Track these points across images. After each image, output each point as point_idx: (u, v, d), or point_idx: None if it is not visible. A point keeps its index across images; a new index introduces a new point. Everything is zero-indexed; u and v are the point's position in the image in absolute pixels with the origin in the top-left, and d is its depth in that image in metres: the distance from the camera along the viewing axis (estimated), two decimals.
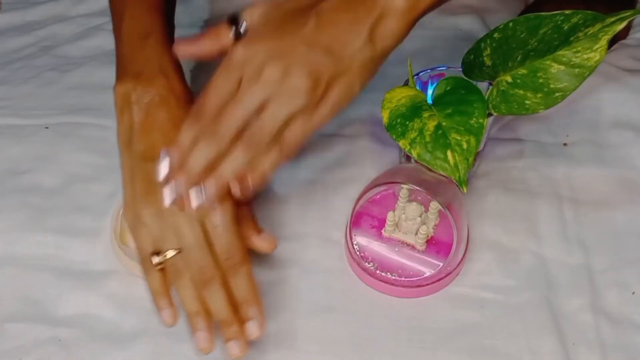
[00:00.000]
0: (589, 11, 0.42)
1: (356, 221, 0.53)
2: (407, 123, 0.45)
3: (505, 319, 0.48)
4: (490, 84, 0.47)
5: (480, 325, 0.48)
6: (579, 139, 0.59)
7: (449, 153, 0.43)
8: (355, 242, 0.52)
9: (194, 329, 0.44)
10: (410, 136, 0.44)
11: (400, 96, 0.47)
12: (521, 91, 0.44)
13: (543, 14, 0.44)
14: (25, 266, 0.53)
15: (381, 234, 0.53)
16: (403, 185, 0.52)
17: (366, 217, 0.54)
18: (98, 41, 0.75)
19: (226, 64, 0.43)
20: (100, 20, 0.78)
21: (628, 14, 0.41)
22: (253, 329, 0.43)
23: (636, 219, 0.53)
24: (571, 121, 0.61)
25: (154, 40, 0.51)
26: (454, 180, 0.43)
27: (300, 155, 0.60)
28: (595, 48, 0.41)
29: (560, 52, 0.43)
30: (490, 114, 0.46)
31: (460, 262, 0.50)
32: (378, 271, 0.50)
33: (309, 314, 0.49)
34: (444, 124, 0.44)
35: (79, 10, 0.80)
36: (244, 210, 0.48)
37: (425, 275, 0.50)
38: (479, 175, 0.57)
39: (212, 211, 0.44)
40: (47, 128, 0.64)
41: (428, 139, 0.44)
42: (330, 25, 0.42)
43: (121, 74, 0.51)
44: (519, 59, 0.45)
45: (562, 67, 0.43)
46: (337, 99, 0.42)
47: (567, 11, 0.43)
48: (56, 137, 0.63)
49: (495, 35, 0.46)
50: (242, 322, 0.44)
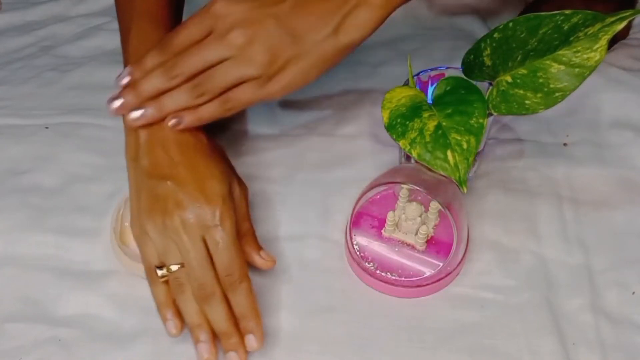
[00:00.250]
0: (589, 11, 0.42)
1: (356, 221, 0.53)
2: (407, 123, 0.45)
3: (505, 319, 0.48)
4: (490, 84, 0.47)
5: (480, 325, 0.48)
6: (579, 139, 0.59)
7: (449, 153, 0.43)
8: (355, 242, 0.52)
9: (197, 341, 0.45)
10: (410, 136, 0.44)
11: (400, 96, 0.47)
12: (521, 91, 0.44)
13: (543, 14, 0.44)
14: (25, 266, 0.53)
15: (381, 234, 0.53)
16: (403, 185, 0.52)
17: (366, 217, 0.54)
18: (98, 41, 0.75)
19: (203, 12, 0.47)
20: (100, 20, 0.78)
21: (628, 13, 0.41)
22: (252, 342, 0.45)
23: (636, 219, 0.53)
24: (571, 121, 0.61)
25: None
26: (454, 180, 0.43)
27: (301, 155, 0.60)
28: (595, 48, 0.41)
29: (560, 52, 0.43)
30: (490, 114, 0.46)
31: (460, 262, 0.50)
32: (378, 271, 0.50)
33: (309, 314, 0.49)
34: (444, 124, 0.44)
35: (79, 10, 0.80)
36: (245, 227, 0.49)
37: (425, 275, 0.50)
38: (479, 175, 0.57)
39: (214, 228, 0.45)
40: (47, 128, 0.64)
41: (428, 139, 0.44)
42: (303, 10, 0.45)
43: None
44: (519, 59, 0.45)
45: (562, 67, 0.43)
46: (290, 79, 0.46)
47: (567, 11, 0.43)
48: (56, 137, 0.63)
49: (495, 35, 0.46)
50: (242, 334, 0.45)
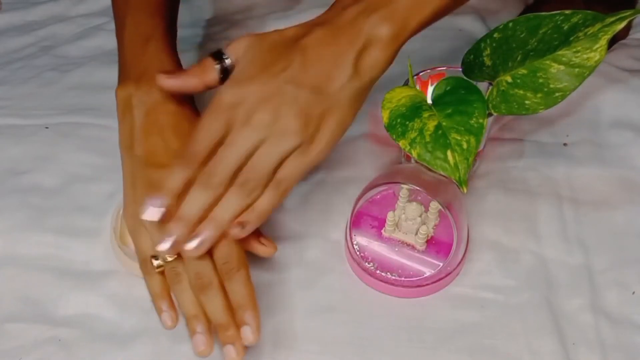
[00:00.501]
0: (589, 11, 0.42)
1: (356, 221, 0.53)
2: (407, 123, 0.45)
3: (505, 319, 0.48)
4: (490, 84, 0.47)
5: (480, 325, 0.48)
6: (579, 139, 0.59)
7: (449, 153, 0.43)
8: (355, 242, 0.52)
9: (192, 332, 0.44)
10: (410, 136, 0.44)
11: (400, 96, 0.47)
12: (521, 91, 0.44)
13: (543, 14, 0.44)
14: (25, 266, 0.53)
15: (381, 234, 0.53)
16: (403, 185, 0.52)
17: (366, 217, 0.54)
18: (98, 41, 0.75)
19: (215, 107, 0.43)
20: (100, 20, 0.78)
21: (628, 13, 0.41)
22: (248, 334, 0.43)
23: (636, 219, 0.54)
24: (571, 121, 0.61)
25: (155, 44, 0.51)
26: (454, 180, 0.43)
27: None
28: (595, 48, 0.41)
29: (560, 52, 0.43)
30: (490, 114, 0.46)
31: (460, 262, 0.50)
32: (378, 271, 0.50)
33: (309, 314, 0.49)
34: (444, 124, 0.44)
35: (79, 10, 0.80)
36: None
37: (425, 275, 0.50)
38: (479, 175, 0.57)
39: None
40: (47, 128, 0.64)
41: (428, 139, 0.44)
42: (315, 62, 0.43)
43: (123, 78, 0.51)
44: (519, 59, 0.45)
45: (562, 67, 0.43)
46: (330, 134, 0.43)
47: (567, 11, 0.43)
48: (56, 137, 0.63)
49: (495, 35, 0.46)
50: (239, 326, 0.44)
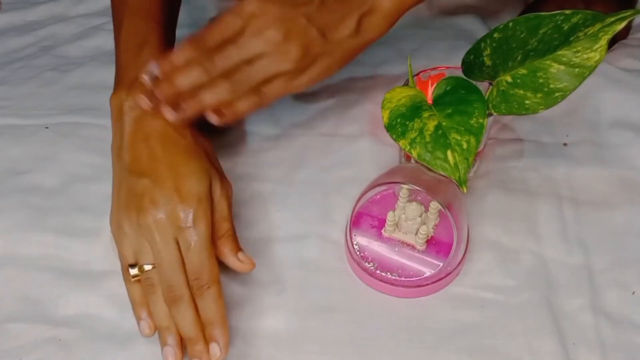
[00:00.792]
0: (589, 11, 0.42)
1: (356, 221, 0.53)
2: (407, 123, 0.45)
3: (505, 319, 0.48)
4: (490, 84, 0.47)
5: (480, 325, 0.48)
6: (579, 139, 0.59)
7: (449, 153, 0.43)
8: (355, 242, 0.52)
9: (163, 344, 0.45)
10: (410, 136, 0.44)
11: (400, 96, 0.47)
12: (521, 91, 0.44)
13: (543, 14, 0.44)
14: (25, 266, 0.53)
15: (381, 234, 0.53)
16: (403, 185, 0.52)
17: (366, 217, 0.54)
18: (98, 41, 0.75)
19: (237, 10, 0.47)
20: (100, 20, 0.78)
21: (628, 14, 0.41)
22: (215, 350, 0.44)
23: (636, 219, 0.54)
24: (571, 121, 0.61)
25: (149, 49, 0.51)
26: (454, 180, 0.43)
27: (301, 155, 0.60)
28: (595, 48, 0.41)
29: (560, 52, 0.43)
30: (490, 114, 0.46)
31: (460, 262, 0.50)
32: (378, 271, 0.50)
33: (309, 314, 0.49)
34: (444, 124, 0.44)
35: (79, 10, 0.80)
36: (224, 227, 0.48)
37: (425, 275, 0.50)
38: (479, 175, 0.57)
39: (187, 230, 0.44)
40: (47, 128, 0.64)
41: (428, 139, 0.44)
42: (329, 10, 0.48)
43: (117, 84, 0.51)
44: (519, 59, 0.45)
45: (562, 67, 0.43)
46: (316, 73, 0.49)
47: (567, 11, 0.43)
48: (56, 137, 0.63)
49: (495, 35, 0.46)
50: (208, 342, 0.44)
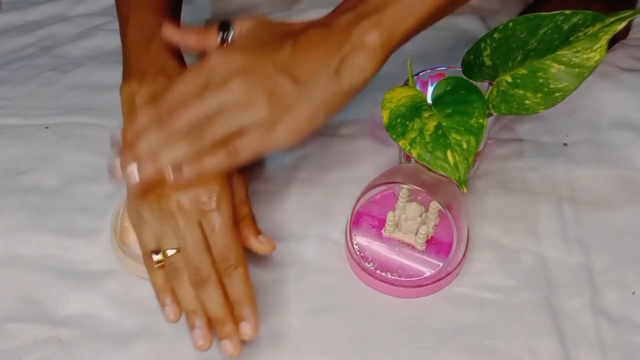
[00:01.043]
0: (589, 11, 0.42)
1: (356, 221, 0.53)
2: (407, 123, 0.45)
3: (505, 319, 0.48)
4: (490, 84, 0.47)
5: (480, 325, 0.48)
6: (579, 139, 0.59)
7: (449, 153, 0.43)
8: (355, 242, 0.52)
9: (192, 326, 0.44)
10: (410, 136, 0.44)
11: (400, 96, 0.47)
12: (521, 91, 0.44)
13: (543, 14, 0.44)
14: (25, 266, 0.53)
15: (381, 234, 0.53)
16: (403, 185, 0.52)
17: (366, 217, 0.54)
18: (98, 41, 0.75)
19: (199, 65, 0.45)
20: (100, 20, 0.78)
21: (628, 14, 0.41)
22: (246, 329, 0.44)
23: (636, 219, 0.53)
24: (571, 121, 0.61)
25: (158, 42, 0.51)
26: (454, 180, 0.43)
27: (301, 154, 0.60)
28: (595, 48, 0.41)
29: (560, 52, 0.43)
30: (490, 114, 0.46)
31: (460, 262, 0.50)
32: (378, 271, 0.50)
33: (309, 314, 0.49)
34: (444, 124, 0.44)
35: (79, 10, 0.80)
36: (244, 211, 0.48)
37: (425, 275, 0.50)
38: (479, 175, 0.57)
39: (210, 213, 0.44)
40: (47, 128, 0.64)
41: (428, 139, 0.44)
42: (302, 56, 0.44)
43: (126, 76, 0.51)
44: (519, 59, 0.45)
45: (562, 67, 0.43)
46: (297, 124, 0.44)
47: (567, 11, 0.43)
48: (56, 137, 0.63)
49: (495, 35, 0.46)
50: (237, 321, 0.44)
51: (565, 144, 0.59)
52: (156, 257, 0.45)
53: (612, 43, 0.67)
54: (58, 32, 0.77)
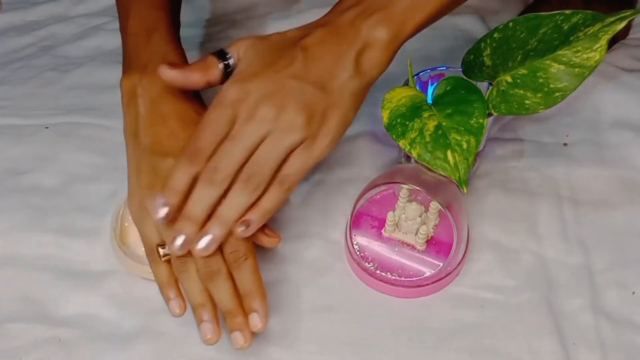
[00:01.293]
0: (589, 11, 0.42)
1: (356, 221, 0.53)
2: (407, 123, 0.45)
3: (505, 319, 0.48)
4: (490, 84, 0.47)
5: (480, 325, 0.48)
6: (579, 139, 0.59)
7: (449, 153, 0.43)
8: (355, 242, 0.52)
9: (200, 320, 0.44)
10: (410, 136, 0.44)
11: (400, 96, 0.47)
12: (521, 91, 0.44)
13: (543, 14, 0.44)
14: (25, 266, 0.53)
15: (381, 234, 0.53)
16: (403, 185, 0.52)
17: (366, 217, 0.54)
18: (98, 41, 0.75)
19: (219, 102, 0.43)
20: (100, 20, 0.78)
21: (628, 13, 0.41)
22: (256, 321, 0.43)
23: (636, 219, 0.53)
24: (571, 121, 0.61)
25: (159, 35, 0.52)
26: (454, 180, 0.43)
27: None
28: (595, 48, 0.41)
29: (560, 52, 0.43)
30: (490, 114, 0.46)
31: (460, 262, 0.50)
32: (378, 271, 0.50)
33: (309, 314, 0.49)
34: (444, 124, 0.44)
35: (79, 10, 0.80)
36: None
37: (425, 275, 0.50)
38: (479, 175, 0.57)
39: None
40: (47, 128, 0.64)
41: (428, 139, 0.44)
42: (317, 60, 0.43)
43: (127, 68, 0.51)
44: (519, 59, 0.45)
45: (562, 67, 0.43)
46: (334, 130, 0.43)
47: (567, 11, 0.43)
48: (56, 137, 0.63)
49: (495, 35, 0.46)
50: (247, 313, 0.44)
51: (565, 144, 0.59)
52: (163, 251, 0.45)
53: (612, 43, 0.67)
54: (58, 32, 0.77)
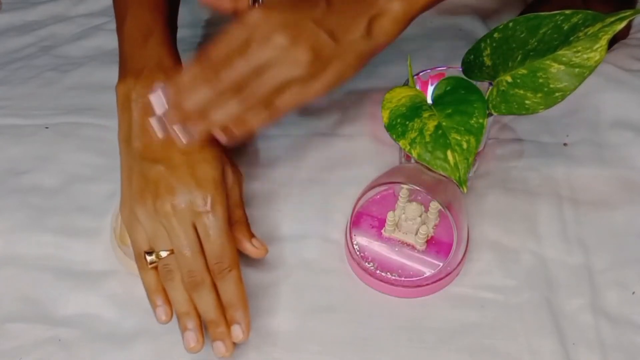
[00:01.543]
0: (589, 11, 0.42)
1: (356, 221, 0.53)
2: (407, 123, 0.45)
3: (505, 319, 0.48)
4: (490, 84, 0.47)
5: (480, 325, 0.48)
6: (579, 139, 0.59)
7: (449, 153, 0.43)
8: (355, 242, 0.52)
9: (184, 329, 0.45)
10: (410, 136, 0.44)
11: (400, 96, 0.47)
12: (521, 91, 0.44)
13: (543, 13, 0.44)
14: (25, 266, 0.53)
15: (381, 234, 0.53)
16: (403, 185, 0.52)
17: (366, 217, 0.54)
18: (98, 41, 0.75)
19: (241, 23, 0.45)
20: (100, 20, 0.78)
21: (628, 13, 0.41)
22: (238, 332, 0.44)
23: (636, 219, 0.53)
24: (571, 121, 0.61)
25: (155, 39, 0.52)
26: (454, 180, 0.43)
27: (300, 154, 0.60)
28: (595, 48, 0.41)
29: (560, 52, 0.43)
30: (490, 114, 0.46)
31: (460, 262, 0.50)
32: (378, 271, 0.50)
33: (309, 314, 0.49)
34: (444, 124, 0.44)
35: (79, 10, 0.80)
36: (238, 214, 0.49)
37: (425, 275, 0.50)
38: (479, 175, 0.57)
39: (205, 214, 0.45)
40: (47, 128, 0.64)
41: (428, 139, 0.44)
42: (337, 12, 0.45)
43: (123, 73, 0.51)
44: (519, 59, 0.45)
45: (562, 67, 0.43)
46: (331, 78, 0.45)
47: (567, 11, 0.43)
48: (56, 137, 0.63)
49: (495, 35, 0.46)
50: (229, 324, 0.45)
51: (565, 144, 0.59)
52: (150, 258, 0.45)
53: (612, 43, 0.67)
54: (58, 32, 0.77)
